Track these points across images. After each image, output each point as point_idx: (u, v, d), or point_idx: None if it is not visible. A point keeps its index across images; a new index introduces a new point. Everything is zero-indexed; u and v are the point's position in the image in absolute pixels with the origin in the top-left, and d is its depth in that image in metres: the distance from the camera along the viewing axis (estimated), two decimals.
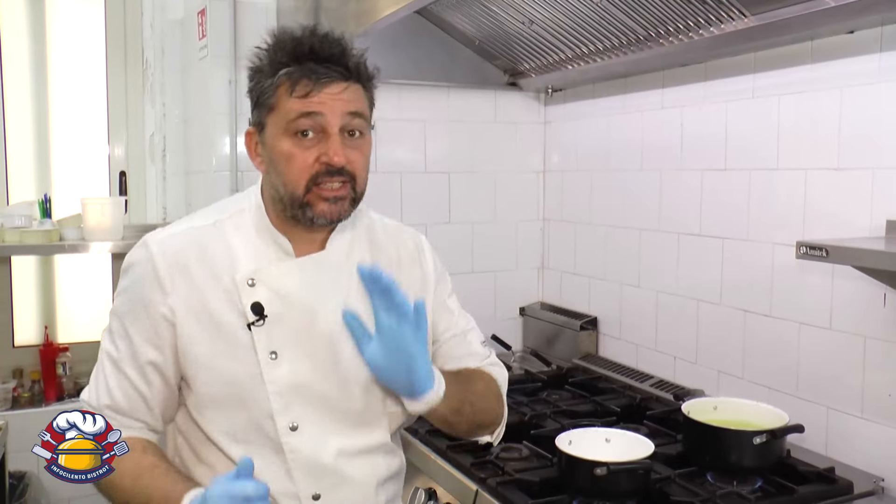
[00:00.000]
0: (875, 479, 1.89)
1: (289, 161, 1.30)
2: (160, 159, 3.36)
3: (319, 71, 1.29)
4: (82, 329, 3.30)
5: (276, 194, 1.35)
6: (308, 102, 1.28)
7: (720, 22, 2.06)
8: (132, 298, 1.36)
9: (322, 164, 1.29)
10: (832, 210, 2.02)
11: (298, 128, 1.29)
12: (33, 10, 3.25)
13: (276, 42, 1.32)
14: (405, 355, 1.28)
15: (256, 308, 1.33)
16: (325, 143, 1.30)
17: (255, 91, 1.34)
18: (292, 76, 1.29)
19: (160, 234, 1.40)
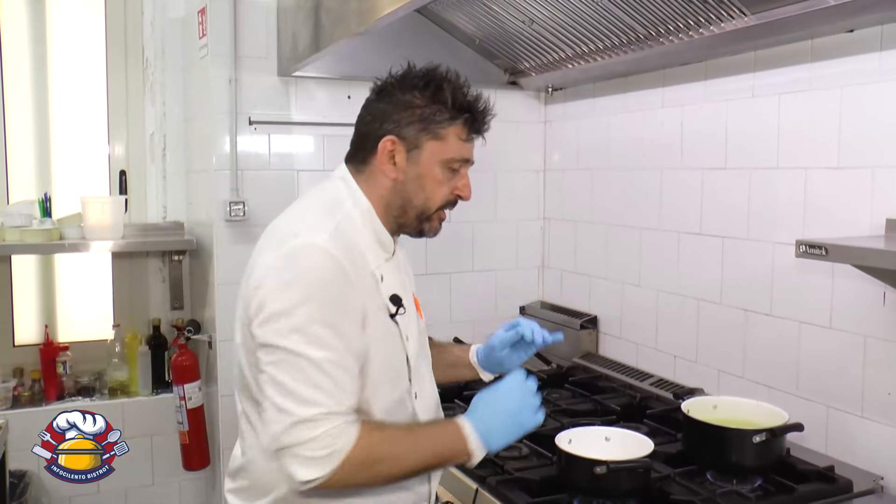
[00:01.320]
0: (875, 477, 1.89)
1: (438, 186, 1.53)
2: (160, 158, 3.36)
3: (481, 129, 1.57)
4: (82, 328, 3.30)
5: (398, 202, 1.53)
6: (468, 149, 1.56)
7: (720, 21, 2.05)
8: (332, 299, 1.39)
9: (454, 196, 1.56)
10: (832, 209, 2.02)
11: (455, 166, 1.54)
12: (34, 10, 3.25)
13: (460, 86, 1.54)
14: None
15: (395, 299, 1.52)
16: (458, 178, 1.56)
17: (424, 115, 1.50)
18: (468, 123, 1.53)
19: (321, 235, 1.42)
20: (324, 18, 2.41)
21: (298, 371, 1.35)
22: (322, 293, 1.37)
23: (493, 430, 1.48)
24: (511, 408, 1.50)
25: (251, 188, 2.87)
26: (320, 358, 1.35)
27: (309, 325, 1.36)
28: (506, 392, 1.52)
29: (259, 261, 1.46)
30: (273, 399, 1.37)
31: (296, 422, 1.34)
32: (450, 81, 1.54)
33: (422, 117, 1.50)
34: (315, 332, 1.36)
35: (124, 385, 3.15)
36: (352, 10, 2.18)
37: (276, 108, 2.90)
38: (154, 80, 3.33)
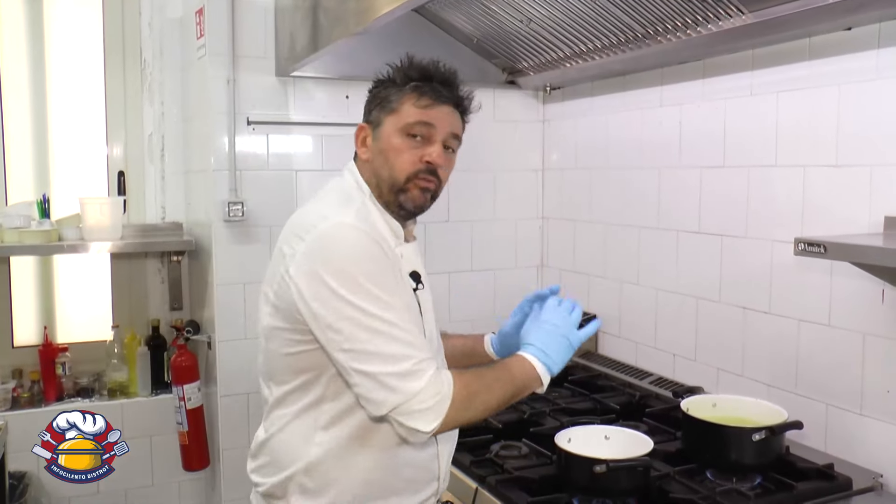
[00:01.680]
0: (874, 475, 1.89)
1: (398, 154, 1.57)
2: (159, 159, 3.35)
3: (441, 91, 1.59)
4: (81, 329, 3.30)
5: (374, 181, 1.60)
6: (426, 113, 1.57)
7: (718, 19, 2.06)
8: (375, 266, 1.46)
9: (424, 163, 1.57)
10: (831, 207, 2.02)
11: (413, 131, 1.57)
12: (31, 11, 3.25)
13: (409, 63, 1.61)
14: None
15: (415, 275, 1.63)
16: (428, 147, 1.57)
17: (381, 95, 1.61)
18: (420, 89, 1.57)
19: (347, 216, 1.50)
20: (322, 18, 2.41)
21: (376, 335, 1.43)
22: (365, 263, 1.45)
23: (551, 353, 1.60)
24: (558, 330, 1.63)
25: (250, 188, 2.87)
26: (389, 318, 1.43)
27: (365, 292, 1.43)
28: (547, 318, 1.65)
29: (288, 249, 1.51)
30: (363, 369, 1.43)
31: (397, 380, 1.42)
32: (406, 62, 1.62)
33: (381, 98, 1.61)
34: (374, 295, 1.43)
35: (123, 386, 3.14)
36: (350, 10, 2.17)
37: (275, 109, 2.90)
38: (152, 81, 3.33)
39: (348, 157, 1.63)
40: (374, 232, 1.50)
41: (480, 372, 1.55)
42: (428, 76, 1.59)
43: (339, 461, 1.53)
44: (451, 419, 1.45)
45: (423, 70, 1.60)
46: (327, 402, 1.52)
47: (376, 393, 1.43)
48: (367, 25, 2.09)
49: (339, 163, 2.92)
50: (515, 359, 1.60)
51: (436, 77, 1.60)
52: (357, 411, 1.51)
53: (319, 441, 1.52)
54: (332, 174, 2.94)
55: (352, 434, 1.52)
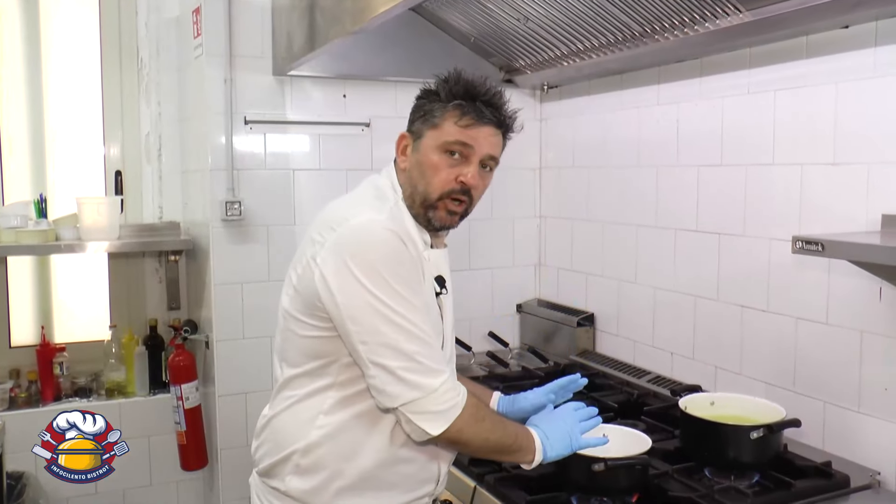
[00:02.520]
0: (871, 472, 1.89)
1: (435, 171, 1.59)
2: (156, 158, 3.35)
3: (484, 112, 1.58)
4: (79, 329, 3.30)
5: (409, 190, 1.62)
6: (466, 133, 1.58)
7: (715, 18, 2.06)
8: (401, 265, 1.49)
9: (458, 183, 1.59)
10: (828, 205, 2.02)
11: (452, 149, 1.58)
12: (27, 10, 3.24)
13: (455, 77, 1.61)
14: None
15: (440, 280, 1.65)
16: (464, 167, 1.59)
17: (425, 108, 1.62)
18: (463, 108, 1.57)
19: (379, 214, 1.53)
20: (318, 18, 2.41)
21: (397, 330, 1.46)
22: (392, 261, 1.47)
23: (552, 441, 1.62)
24: (566, 427, 1.65)
25: (247, 188, 2.86)
26: (410, 316, 1.47)
27: (390, 288, 1.46)
28: (561, 416, 1.69)
29: (318, 237, 1.53)
30: (382, 362, 1.46)
31: (415, 376, 1.46)
32: (454, 77, 1.62)
33: (425, 110, 1.62)
34: (398, 292, 1.46)
35: (121, 385, 3.14)
36: (346, 10, 2.17)
37: (272, 108, 2.90)
38: (149, 81, 3.32)
39: (346, 155, 1.66)
40: (403, 232, 1.52)
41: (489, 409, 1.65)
42: (472, 95, 1.59)
43: (337, 446, 1.55)
44: (455, 430, 1.49)
45: (469, 88, 1.60)
46: (335, 389, 1.55)
47: (392, 387, 1.46)
48: (363, 24, 2.09)
49: (337, 162, 2.97)
50: (522, 428, 1.65)
51: (480, 96, 1.60)
52: (363, 401, 1.54)
53: (321, 424, 1.56)
54: (329, 173, 2.98)
55: (355, 422, 1.55)
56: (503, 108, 1.63)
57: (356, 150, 2.99)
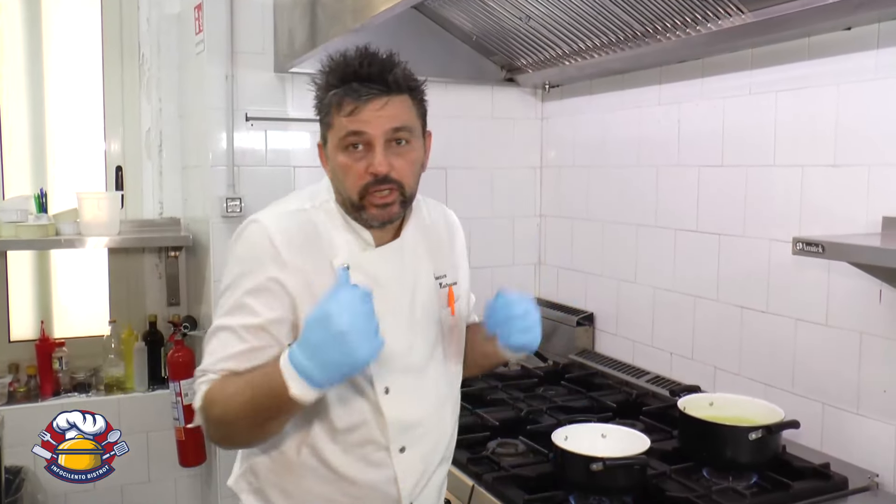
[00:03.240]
0: (870, 474, 1.90)
1: (346, 172, 1.46)
2: (156, 154, 3.35)
3: (361, 90, 1.42)
4: (78, 324, 3.30)
5: (339, 198, 1.52)
6: (353, 120, 1.43)
7: (717, 18, 2.05)
8: (250, 270, 1.44)
9: (370, 175, 1.44)
10: (829, 206, 2.02)
11: (348, 143, 1.44)
12: (29, 5, 3.24)
13: (328, 65, 1.47)
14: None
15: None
16: (371, 155, 1.44)
17: (317, 110, 1.51)
18: (338, 97, 1.44)
19: (269, 213, 1.49)
20: (320, 15, 2.41)
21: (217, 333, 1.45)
22: (244, 264, 1.44)
23: (317, 358, 1.26)
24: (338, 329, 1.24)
25: (247, 184, 2.86)
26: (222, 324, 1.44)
27: (228, 290, 1.45)
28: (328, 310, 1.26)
29: None
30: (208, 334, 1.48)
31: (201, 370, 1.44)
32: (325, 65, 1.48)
33: (320, 115, 1.51)
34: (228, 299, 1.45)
35: (120, 381, 3.14)
36: (347, 7, 2.17)
37: (273, 105, 2.89)
38: (150, 77, 3.32)
39: None
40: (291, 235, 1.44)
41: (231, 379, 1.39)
42: (343, 77, 1.44)
43: (278, 465, 1.51)
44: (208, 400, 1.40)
45: (338, 71, 1.45)
46: None
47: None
48: (364, 22, 2.09)
49: None
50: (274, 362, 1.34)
51: (352, 75, 1.43)
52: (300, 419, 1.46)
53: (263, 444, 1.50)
54: None
55: (293, 441, 1.49)
56: (384, 74, 1.43)
57: None
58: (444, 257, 1.66)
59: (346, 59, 1.45)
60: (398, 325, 1.52)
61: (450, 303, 1.64)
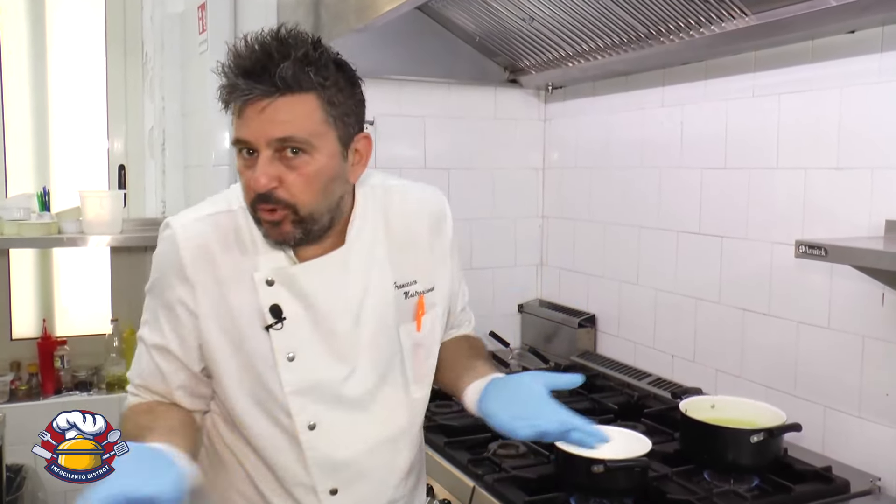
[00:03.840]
0: (872, 478, 1.89)
1: (240, 178, 1.28)
2: (159, 153, 3.35)
3: (240, 87, 1.17)
4: (80, 322, 3.30)
5: None
6: (239, 124, 1.21)
7: (721, 20, 2.05)
8: (160, 283, 1.36)
9: (251, 190, 1.23)
10: (831, 209, 2.02)
11: (239, 150, 1.24)
12: (33, 4, 3.25)
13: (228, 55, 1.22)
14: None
15: (275, 311, 1.30)
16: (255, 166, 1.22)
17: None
18: (222, 94, 1.21)
19: (185, 216, 1.36)
20: (323, 15, 2.41)
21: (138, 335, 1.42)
22: (156, 273, 1.38)
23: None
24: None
25: None
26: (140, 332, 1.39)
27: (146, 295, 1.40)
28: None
29: None
30: None
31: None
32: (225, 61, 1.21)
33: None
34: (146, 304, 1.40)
35: (122, 380, 3.14)
36: (351, 7, 2.17)
37: None
38: (153, 75, 3.33)
39: None
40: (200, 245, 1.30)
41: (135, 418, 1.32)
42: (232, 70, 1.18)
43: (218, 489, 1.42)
44: None
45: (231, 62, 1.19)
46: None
47: None
48: (368, 22, 2.09)
49: None
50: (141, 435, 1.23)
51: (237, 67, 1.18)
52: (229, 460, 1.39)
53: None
54: None
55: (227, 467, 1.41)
56: (269, 67, 1.15)
57: None
58: (417, 259, 1.42)
59: (243, 45, 1.19)
60: (330, 352, 1.33)
61: (417, 316, 1.41)
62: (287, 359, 1.31)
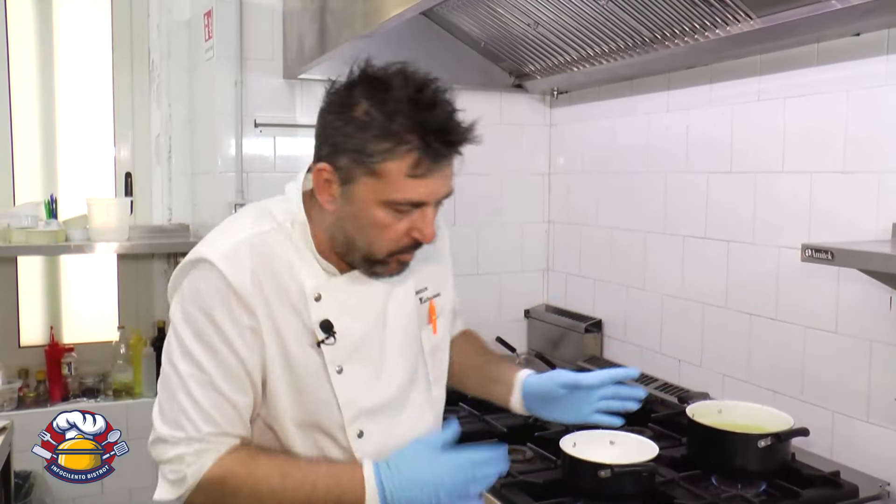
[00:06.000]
0: (881, 483, 1.88)
1: (381, 230, 1.28)
2: (166, 160, 3.36)
3: (443, 152, 1.22)
4: (88, 329, 3.31)
5: (341, 238, 1.33)
6: (419, 185, 1.23)
7: (726, 24, 2.05)
8: (215, 318, 1.28)
9: (412, 239, 1.29)
10: (838, 213, 2.01)
11: (402, 208, 1.25)
12: (40, 12, 3.26)
13: (396, 98, 1.20)
14: None
15: (326, 326, 1.33)
16: (418, 220, 1.27)
17: (354, 140, 1.22)
18: (420, 153, 1.20)
19: (218, 245, 1.31)
20: (329, 21, 2.42)
21: (168, 386, 1.32)
22: (199, 310, 1.28)
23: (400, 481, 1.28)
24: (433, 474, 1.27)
25: (256, 190, 2.87)
26: (187, 374, 1.28)
27: (185, 340, 1.29)
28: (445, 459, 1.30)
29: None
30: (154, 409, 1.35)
31: (156, 438, 1.33)
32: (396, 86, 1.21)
33: (356, 145, 1.22)
34: (189, 347, 1.29)
35: (129, 386, 3.15)
36: (357, 13, 2.18)
37: (282, 111, 2.90)
38: (160, 82, 3.34)
39: None
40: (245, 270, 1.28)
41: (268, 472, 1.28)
42: (429, 131, 1.19)
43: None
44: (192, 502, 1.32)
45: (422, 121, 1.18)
46: None
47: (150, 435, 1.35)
48: (374, 28, 2.09)
49: None
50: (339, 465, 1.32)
51: (440, 133, 1.19)
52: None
53: None
54: None
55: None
56: (468, 136, 1.24)
57: None
58: (427, 266, 1.49)
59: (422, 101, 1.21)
60: (370, 360, 1.39)
61: (431, 319, 1.49)
62: (336, 371, 1.34)
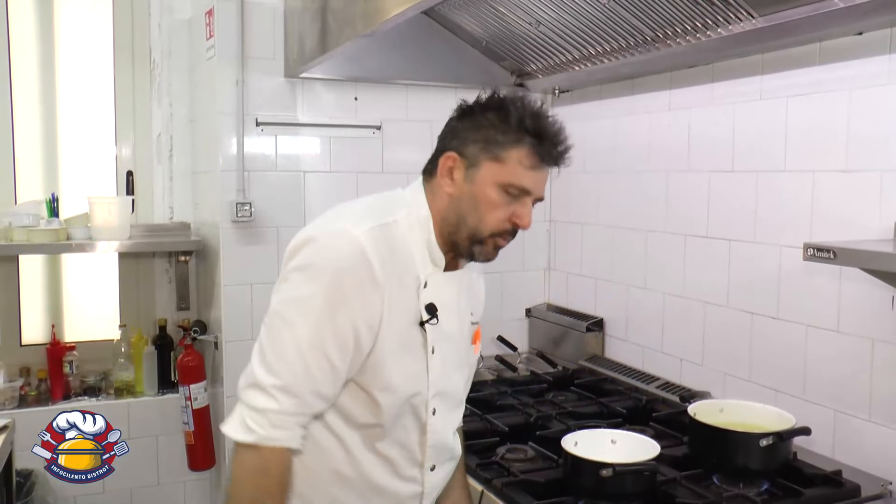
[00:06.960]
0: (882, 482, 1.88)
1: (492, 208, 1.48)
2: (167, 159, 3.36)
3: (551, 155, 1.46)
4: (89, 328, 3.31)
5: (453, 219, 1.51)
6: (529, 176, 1.46)
7: (728, 23, 2.05)
8: (343, 288, 1.39)
9: (511, 224, 1.50)
10: (840, 212, 2.01)
11: (513, 191, 1.46)
12: (42, 11, 3.26)
13: (524, 107, 1.47)
14: None
15: (430, 308, 1.50)
16: (519, 208, 1.49)
17: (486, 133, 1.47)
18: (532, 147, 1.44)
19: (361, 226, 1.43)
20: (330, 20, 2.42)
21: (279, 338, 1.39)
22: (335, 278, 1.38)
23: None
24: None
25: (257, 189, 2.87)
26: (303, 335, 1.38)
27: (309, 299, 1.39)
28: None
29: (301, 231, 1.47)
30: (253, 354, 1.43)
31: (253, 384, 1.40)
32: (521, 104, 1.48)
33: (486, 137, 1.47)
34: (312, 307, 1.38)
35: (130, 385, 3.15)
36: (358, 12, 2.18)
37: (283, 110, 2.90)
38: (161, 81, 3.34)
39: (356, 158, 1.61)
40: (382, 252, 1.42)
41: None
42: (542, 133, 1.46)
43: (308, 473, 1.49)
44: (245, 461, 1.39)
45: (541, 124, 1.46)
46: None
47: (243, 377, 1.43)
48: (375, 27, 2.09)
49: (347, 164, 2.97)
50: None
51: (551, 136, 1.47)
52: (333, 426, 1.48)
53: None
54: (339, 175, 2.98)
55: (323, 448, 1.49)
56: (568, 150, 1.50)
57: (367, 153, 3.00)
58: (474, 296, 1.69)
59: (540, 113, 1.48)
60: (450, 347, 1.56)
61: (474, 340, 1.68)
62: (431, 351, 1.51)
